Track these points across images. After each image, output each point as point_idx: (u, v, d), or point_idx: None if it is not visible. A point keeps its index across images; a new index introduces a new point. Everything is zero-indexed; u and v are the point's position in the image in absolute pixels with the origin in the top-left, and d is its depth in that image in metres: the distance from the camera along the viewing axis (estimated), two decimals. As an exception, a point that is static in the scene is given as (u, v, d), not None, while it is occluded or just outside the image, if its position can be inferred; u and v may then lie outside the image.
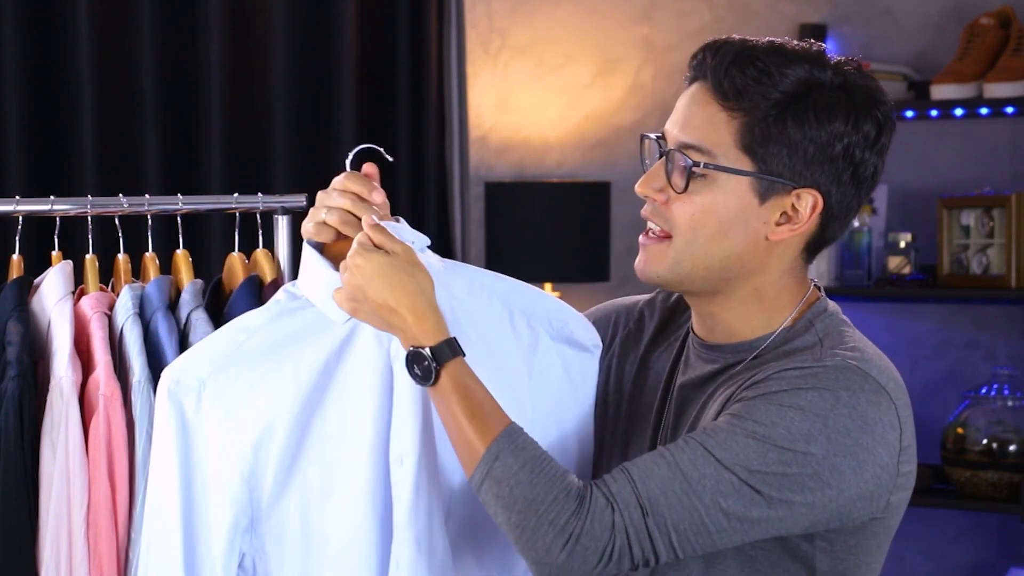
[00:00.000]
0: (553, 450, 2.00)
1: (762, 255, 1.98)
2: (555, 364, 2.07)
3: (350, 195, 1.99)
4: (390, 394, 1.99)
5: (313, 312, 2.03)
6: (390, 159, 2.08)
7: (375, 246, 1.94)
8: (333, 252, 2.03)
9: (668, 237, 1.98)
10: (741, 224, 1.96)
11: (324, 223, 2.00)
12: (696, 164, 1.95)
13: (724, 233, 1.96)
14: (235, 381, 2.01)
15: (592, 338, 2.12)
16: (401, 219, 2.01)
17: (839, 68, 1.95)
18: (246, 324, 2.04)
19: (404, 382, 1.97)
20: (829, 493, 1.89)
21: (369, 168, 2.04)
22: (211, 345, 2.04)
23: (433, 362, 1.91)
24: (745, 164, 1.95)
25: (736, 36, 1.97)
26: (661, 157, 1.99)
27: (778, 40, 1.96)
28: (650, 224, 2.01)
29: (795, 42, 1.97)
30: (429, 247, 2.02)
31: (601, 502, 1.87)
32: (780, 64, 1.93)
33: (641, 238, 2.01)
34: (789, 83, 1.92)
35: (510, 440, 1.89)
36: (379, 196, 1.99)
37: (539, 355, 2.07)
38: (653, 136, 2.01)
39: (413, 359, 1.92)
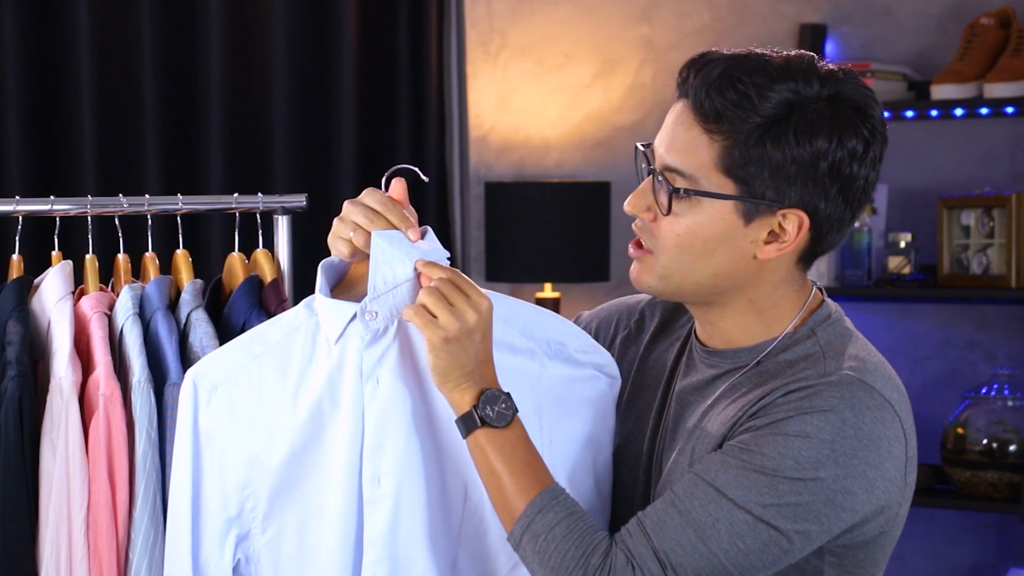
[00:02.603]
0: (569, 467, 2.03)
1: (752, 271, 1.97)
2: (556, 383, 2.06)
3: (376, 213, 1.97)
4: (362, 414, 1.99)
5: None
6: (426, 179, 2.08)
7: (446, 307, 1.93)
8: (362, 269, 2.03)
9: (652, 252, 1.98)
10: (727, 244, 1.95)
11: (349, 241, 1.98)
12: (677, 190, 1.93)
13: (710, 253, 1.95)
14: (244, 391, 2.03)
15: (594, 357, 2.09)
16: (428, 228, 2.01)
17: (829, 78, 1.91)
18: (265, 337, 2.05)
19: (378, 404, 1.97)
20: (844, 516, 1.89)
21: (399, 186, 2.02)
22: (231, 351, 2.05)
23: (512, 406, 1.94)
24: (727, 187, 1.92)
25: (724, 51, 1.94)
26: (649, 175, 1.98)
27: (767, 53, 1.93)
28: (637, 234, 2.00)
29: (785, 52, 1.93)
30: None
31: (621, 560, 1.88)
32: (762, 86, 1.89)
33: (630, 250, 2.01)
34: (770, 106, 1.89)
35: (552, 495, 1.92)
36: (414, 234, 1.98)
37: (540, 374, 2.06)
38: (642, 148, 2.00)
39: (489, 400, 1.93)
